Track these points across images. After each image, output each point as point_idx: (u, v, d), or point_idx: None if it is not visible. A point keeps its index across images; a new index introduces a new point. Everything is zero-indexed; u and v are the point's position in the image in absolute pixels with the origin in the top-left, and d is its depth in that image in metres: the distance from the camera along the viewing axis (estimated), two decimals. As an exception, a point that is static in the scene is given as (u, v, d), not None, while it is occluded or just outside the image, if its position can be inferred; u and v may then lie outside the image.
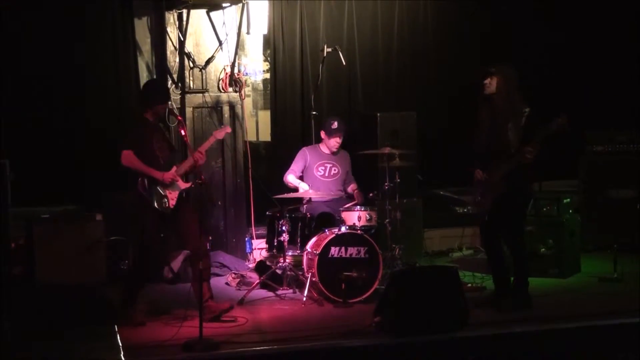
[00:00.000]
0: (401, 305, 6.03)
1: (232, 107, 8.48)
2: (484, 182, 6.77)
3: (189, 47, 8.26)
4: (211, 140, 6.96)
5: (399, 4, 9.44)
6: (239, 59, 8.46)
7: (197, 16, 8.24)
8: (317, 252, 7.02)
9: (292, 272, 7.40)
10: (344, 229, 7.18)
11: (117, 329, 6.11)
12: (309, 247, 7.30)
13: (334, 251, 7.03)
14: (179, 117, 6.91)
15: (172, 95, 8.20)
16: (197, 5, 8.07)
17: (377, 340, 5.95)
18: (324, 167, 8.29)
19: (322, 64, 8.66)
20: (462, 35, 9.66)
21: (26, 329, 5.94)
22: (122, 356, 5.52)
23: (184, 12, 8.14)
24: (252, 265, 8.30)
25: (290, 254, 7.49)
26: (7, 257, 5.94)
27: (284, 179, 8.22)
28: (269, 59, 9.20)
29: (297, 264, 7.49)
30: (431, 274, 6.44)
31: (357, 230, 7.23)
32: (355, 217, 7.48)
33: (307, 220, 7.60)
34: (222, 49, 8.37)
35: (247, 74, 8.95)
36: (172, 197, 6.55)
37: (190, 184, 6.69)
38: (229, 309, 6.59)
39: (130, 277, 6.85)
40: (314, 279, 7.06)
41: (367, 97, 9.34)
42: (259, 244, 8.54)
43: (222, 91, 8.43)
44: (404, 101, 9.28)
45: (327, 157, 8.32)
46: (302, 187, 8.00)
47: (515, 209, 6.72)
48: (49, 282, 6.94)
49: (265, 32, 8.85)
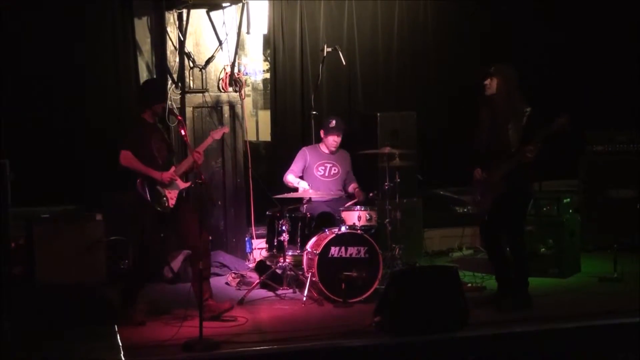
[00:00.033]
0: (401, 305, 6.02)
1: (232, 106, 8.48)
2: (483, 182, 6.77)
3: (189, 47, 8.26)
4: (209, 140, 6.96)
5: (399, 4, 9.43)
6: (239, 59, 8.46)
7: (197, 16, 8.24)
8: (317, 252, 7.02)
9: (292, 272, 7.40)
10: (344, 229, 7.18)
11: (117, 329, 6.10)
12: (309, 247, 7.30)
13: (334, 251, 7.03)
14: (179, 117, 6.90)
15: (172, 95, 8.22)
16: (197, 5, 8.07)
17: (377, 340, 5.94)
18: (324, 167, 8.29)
19: (322, 64, 8.66)
20: (462, 35, 9.65)
21: (26, 329, 5.95)
22: (122, 356, 5.52)
23: (184, 12, 8.14)
24: (252, 265, 8.30)
25: (290, 253, 7.49)
26: (7, 257, 5.95)
27: (284, 178, 8.22)
28: (269, 58, 9.19)
29: (297, 263, 7.48)
30: (431, 274, 6.43)
31: (357, 230, 7.23)
32: (355, 217, 7.47)
33: (307, 220, 7.60)
34: (222, 48, 8.37)
35: (247, 73, 8.95)
36: (171, 196, 6.55)
37: (189, 184, 6.71)
38: (229, 309, 6.59)
39: (130, 277, 6.86)
40: (314, 279, 7.06)
41: (367, 97, 9.34)
42: (259, 244, 8.54)
43: (222, 91, 8.43)
44: (404, 101, 9.27)
45: (327, 157, 8.32)
46: (302, 185, 8.00)
47: (515, 209, 6.72)
48: (49, 282, 6.94)
49: (265, 32, 8.85)
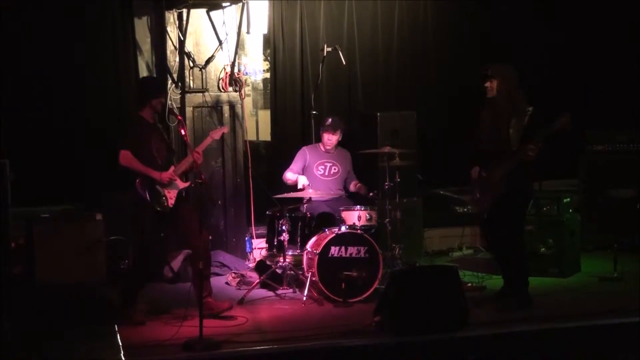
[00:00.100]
0: (401, 304, 6.02)
1: (232, 106, 8.48)
2: (482, 181, 6.77)
3: (189, 46, 8.26)
4: (208, 140, 6.97)
5: (399, 4, 9.43)
6: (239, 59, 8.46)
7: (197, 16, 8.24)
8: (317, 252, 7.02)
9: (292, 272, 7.40)
10: (344, 229, 7.18)
11: (117, 329, 6.10)
12: (309, 246, 7.30)
13: (334, 251, 7.03)
14: (179, 117, 6.91)
15: (172, 94, 8.22)
16: (197, 4, 8.07)
17: (377, 339, 5.94)
18: (324, 166, 8.29)
19: (322, 64, 8.66)
20: (462, 35, 9.65)
21: (26, 329, 5.94)
22: (122, 356, 5.52)
23: (184, 11, 8.14)
24: (252, 264, 8.30)
25: (290, 253, 7.48)
26: (7, 257, 5.94)
27: (283, 176, 8.22)
28: (269, 58, 9.19)
29: (297, 263, 7.48)
30: (431, 274, 6.43)
31: (357, 229, 7.23)
32: (355, 216, 7.47)
33: (307, 219, 7.60)
34: (222, 48, 8.37)
35: (247, 73, 8.95)
36: (170, 196, 6.56)
37: (189, 184, 6.71)
38: (228, 309, 6.59)
39: (130, 277, 6.86)
40: (314, 279, 7.05)
41: (367, 96, 9.33)
42: (259, 244, 8.54)
43: (222, 91, 8.43)
44: (404, 101, 9.27)
45: (327, 156, 8.32)
46: (301, 180, 8.00)
47: (515, 208, 6.71)
48: (49, 282, 6.92)
49: (265, 31, 8.85)
